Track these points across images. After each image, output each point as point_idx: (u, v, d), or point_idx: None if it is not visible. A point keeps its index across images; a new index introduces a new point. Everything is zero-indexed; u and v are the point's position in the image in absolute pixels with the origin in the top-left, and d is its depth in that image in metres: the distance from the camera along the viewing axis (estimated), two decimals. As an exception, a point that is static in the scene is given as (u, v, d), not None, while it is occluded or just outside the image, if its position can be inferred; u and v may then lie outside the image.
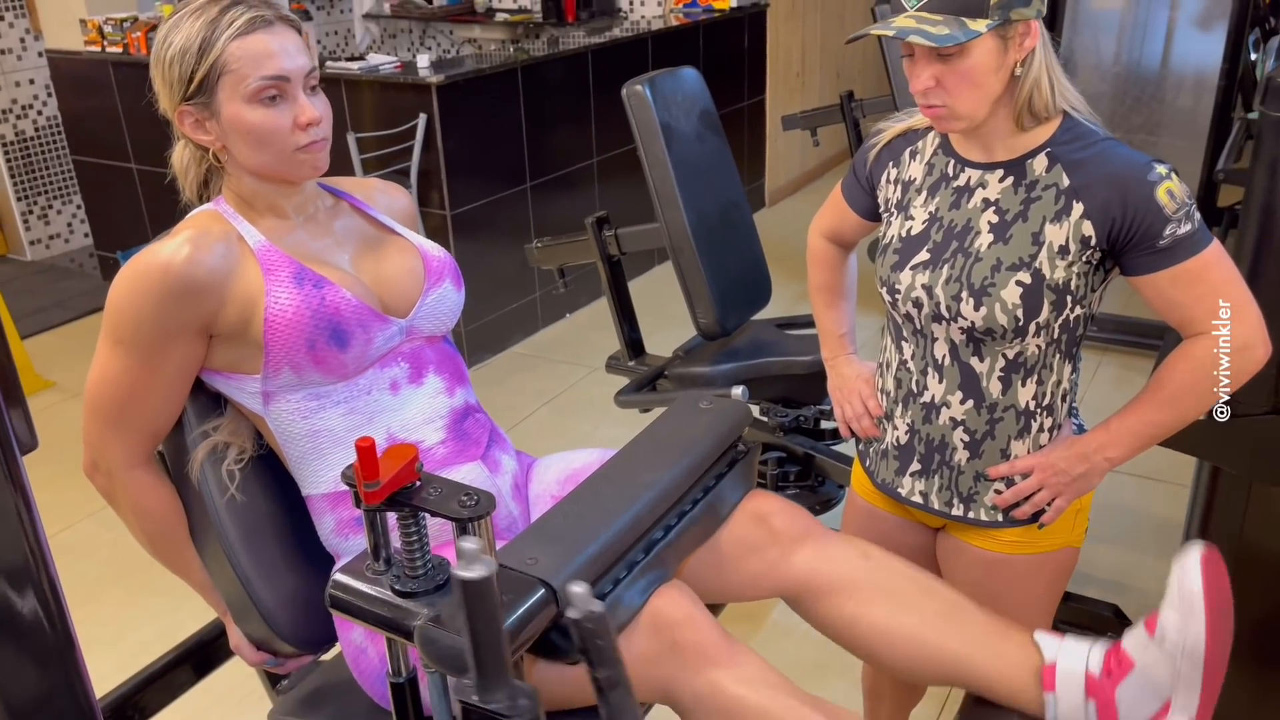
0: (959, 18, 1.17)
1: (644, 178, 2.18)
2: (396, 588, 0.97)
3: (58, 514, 2.98)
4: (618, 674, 0.81)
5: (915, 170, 1.38)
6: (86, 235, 5.17)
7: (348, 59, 3.89)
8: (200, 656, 1.65)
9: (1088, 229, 1.23)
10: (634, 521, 1.09)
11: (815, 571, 1.26)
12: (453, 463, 1.30)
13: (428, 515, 0.95)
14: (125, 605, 2.56)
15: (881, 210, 1.44)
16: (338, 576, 1.01)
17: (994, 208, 1.29)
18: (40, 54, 4.77)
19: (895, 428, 1.44)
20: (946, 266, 1.30)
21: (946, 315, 1.30)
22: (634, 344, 2.53)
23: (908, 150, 1.40)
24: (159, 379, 1.22)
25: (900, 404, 1.42)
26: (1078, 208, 1.23)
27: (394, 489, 0.91)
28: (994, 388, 1.33)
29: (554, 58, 3.98)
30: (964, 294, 1.28)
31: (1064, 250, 1.24)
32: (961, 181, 1.32)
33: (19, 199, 5.01)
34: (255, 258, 1.23)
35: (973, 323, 1.28)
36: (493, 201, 3.83)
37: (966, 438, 1.36)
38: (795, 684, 1.09)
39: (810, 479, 2.31)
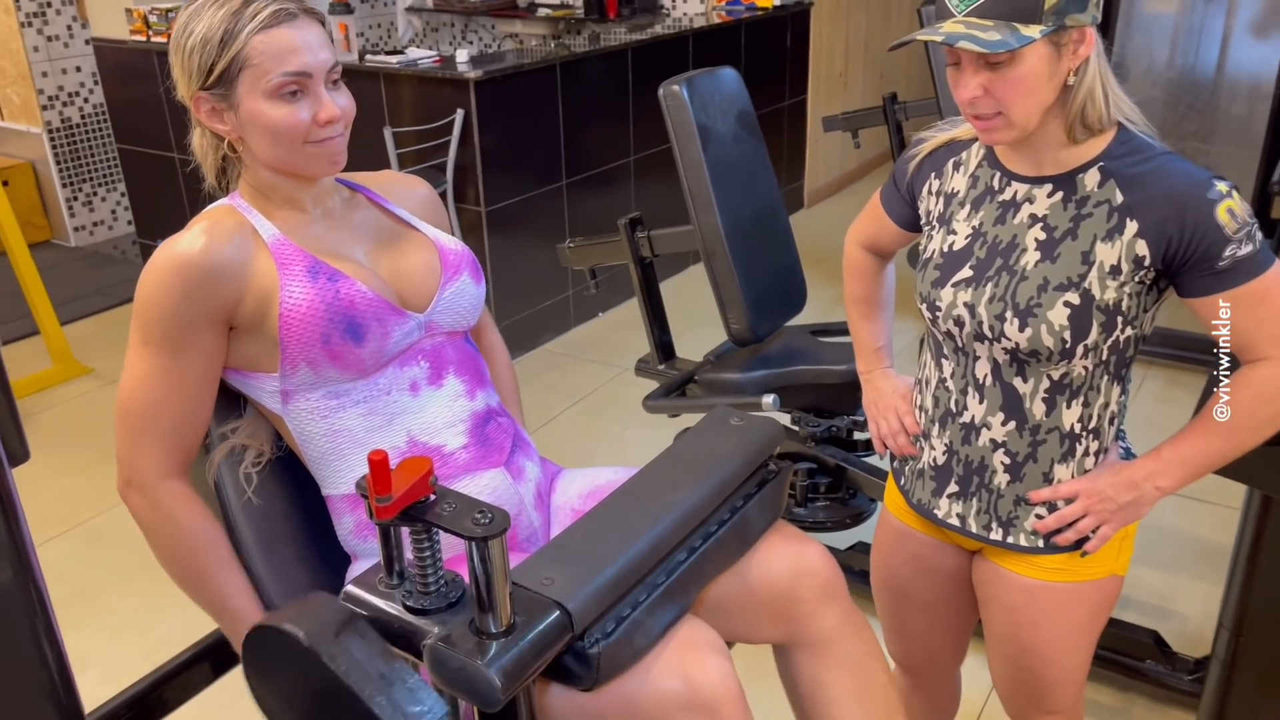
0: (1010, 23, 1.11)
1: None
2: (408, 604, 0.95)
3: (91, 499, 3.01)
4: None
5: (959, 182, 1.32)
6: (130, 223, 5.22)
7: (387, 52, 3.89)
8: (218, 656, 1.63)
9: (1141, 248, 1.17)
10: (656, 543, 1.05)
11: (828, 639, 1.25)
12: (475, 468, 1.27)
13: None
14: (153, 594, 2.56)
15: (922, 223, 1.39)
16: (349, 589, 0.98)
17: (1041, 224, 1.23)
18: (87, 42, 4.82)
19: (932, 447, 1.38)
20: (990, 285, 1.25)
21: (989, 335, 1.25)
22: (664, 347, 2.49)
23: (951, 161, 1.34)
24: (188, 377, 1.20)
25: (938, 423, 1.37)
26: (1131, 226, 1.17)
27: (407, 503, 0.88)
28: (1037, 409, 1.27)
29: (593, 54, 3.94)
30: (1008, 314, 1.22)
31: (1115, 270, 1.18)
32: (1007, 196, 1.27)
33: (64, 185, 5.07)
34: (269, 252, 1.21)
35: (1017, 344, 1.23)
36: (528, 198, 3.80)
37: (1007, 460, 1.31)
38: None
39: (841, 491, 2.26)
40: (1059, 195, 1.22)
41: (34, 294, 3.64)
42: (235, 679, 1.65)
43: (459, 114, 3.47)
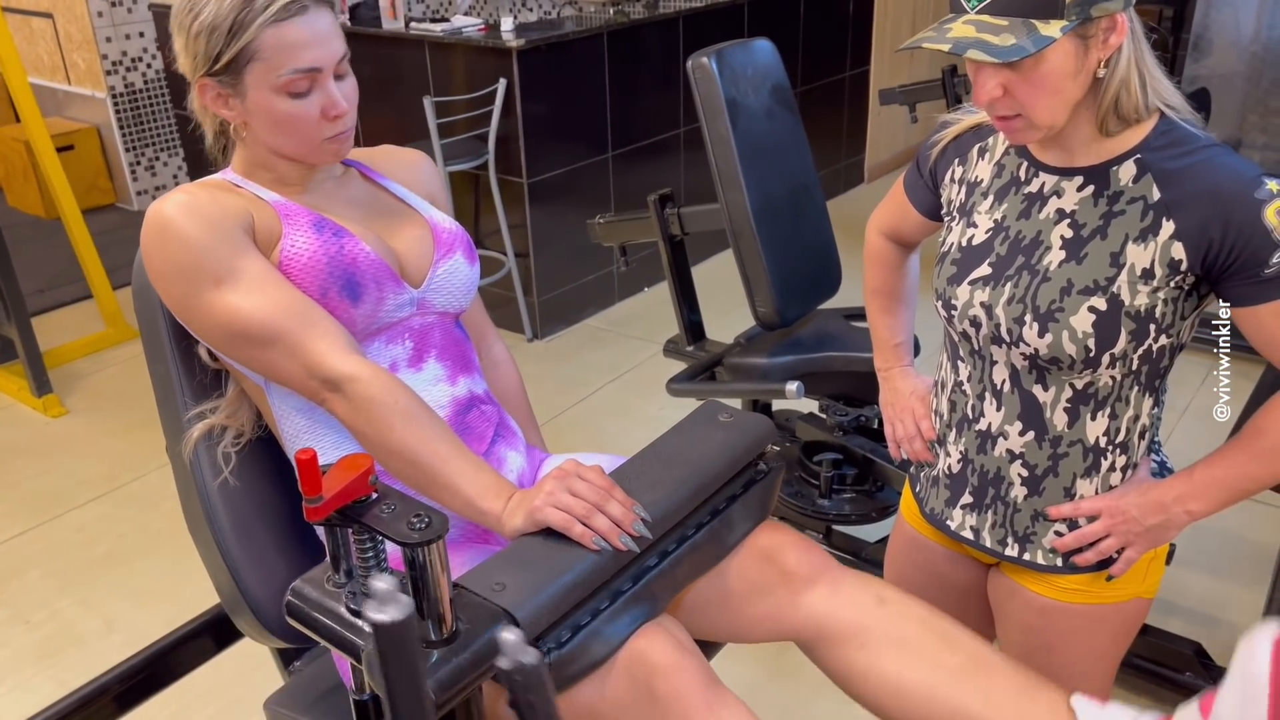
0: (1028, 20, 0.99)
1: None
2: (350, 605, 0.90)
3: (130, 463, 3.06)
4: None
5: (983, 170, 1.22)
6: (188, 187, 5.30)
7: (432, 20, 3.84)
8: (219, 630, 1.63)
9: (1178, 251, 1.06)
10: (623, 551, 0.99)
11: (825, 616, 1.14)
12: None
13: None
14: (182, 559, 2.59)
15: (943, 212, 1.29)
16: (297, 584, 0.95)
17: (1069, 220, 1.13)
18: (149, 7, 4.88)
19: (948, 454, 1.30)
20: (1009, 284, 1.15)
21: (1007, 339, 1.15)
22: (693, 328, 2.42)
23: (976, 147, 1.24)
24: (275, 272, 1.14)
25: (954, 429, 1.28)
26: (1168, 226, 1.06)
27: (341, 503, 0.84)
28: (1059, 419, 1.17)
29: (643, 23, 3.85)
30: (1027, 317, 1.13)
31: (1148, 274, 1.08)
32: (1034, 187, 1.16)
33: (127, 150, 5.16)
34: (272, 207, 1.19)
35: (1036, 350, 1.13)
36: (572, 170, 3.74)
37: (1025, 472, 1.21)
38: None
39: (868, 483, 2.17)
40: (1090, 189, 1.12)
41: (87, 259, 3.71)
42: (235, 655, 1.66)
43: (501, 83, 3.41)
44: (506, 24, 3.52)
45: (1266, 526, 2.54)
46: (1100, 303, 1.09)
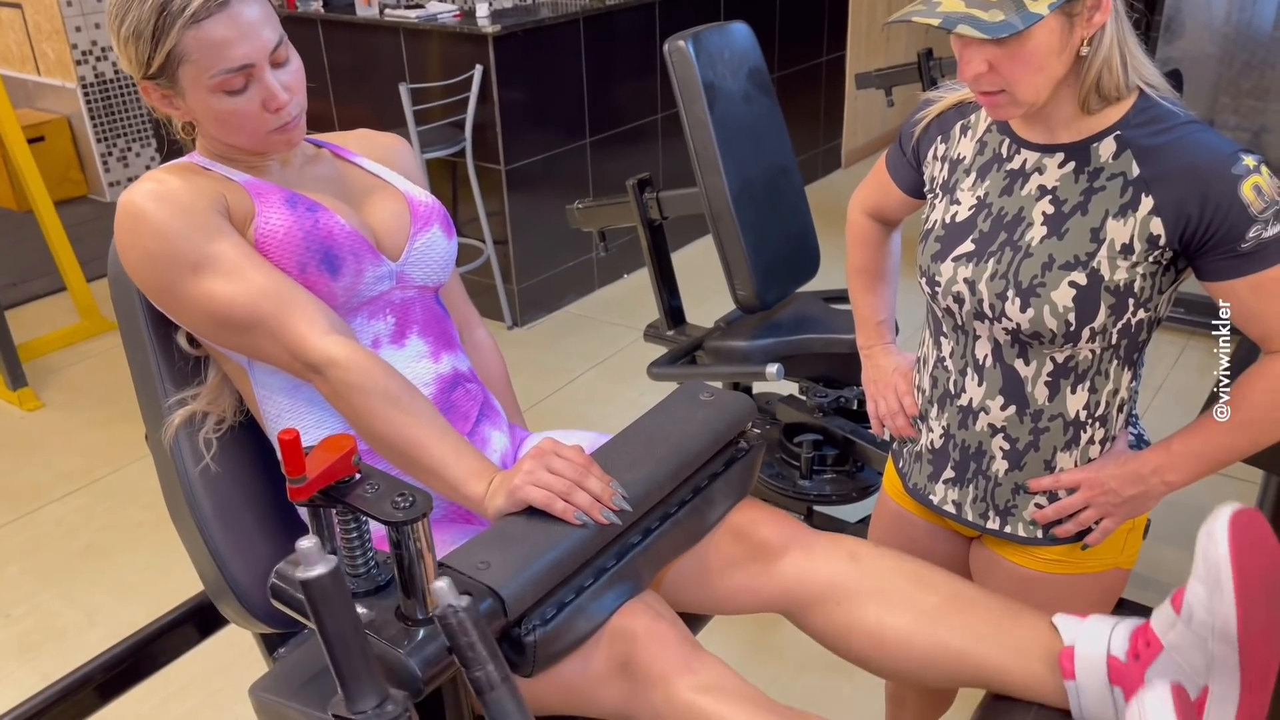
0: None
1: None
2: (336, 586, 0.90)
3: (108, 456, 3.04)
4: (493, 673, 0.75)
5: (965, 148, 1.23)
6: (162, 178, 5.24)
7: (407, 6, 3.82)
8: (203, 617, 1.62)
9: (1156, 226, 1.07)
10: (605, 526, 0.99)
11: (799, 581, 1.15)
12: None
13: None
14: (162, 551, 2.59)
15: (926, 190, 1.30)
16: (281, 566, 0.95)
17: (1050, 196, 1.14)
18: (119, -4, 4.82)
19: (930, 430, 1.31)
20: (992, 260, 1.16)
21: (990, 314, 1.17)
22: (673, 313, 2.42)
23: (959, 124, 1.25)
24: (255, 255, 1.13)
25: (936, 404, 1.29)
26: (1147, 202, 1.08)
27: (324, 484, 0.84)
28: (1040, 393, 1.19)
29: (619, 8, 3.83)
30: (1010, 293, 1.14)
31: (1127, 249, 1.09)
32: (1016, 164, 1.17)
33: (99, 140, 5.10)
34: (243, 188, 1.18)
35: (1018, 324, 1.14)
36: (550, 157, 3.73)
37: (1007, 446, 1.23)
38: (761, 692, 1.00)
39: (849, 464, 2.19)
40: (1071, 165, 1.13)
41: (60, 251, 3.67)
42: (218, 645, 1.66)
43: (477, 70, 3.40)
44: (482, 10, 3.51)
45: (1238, 500, 2.57)
46: (1080, 278, 1.11)
